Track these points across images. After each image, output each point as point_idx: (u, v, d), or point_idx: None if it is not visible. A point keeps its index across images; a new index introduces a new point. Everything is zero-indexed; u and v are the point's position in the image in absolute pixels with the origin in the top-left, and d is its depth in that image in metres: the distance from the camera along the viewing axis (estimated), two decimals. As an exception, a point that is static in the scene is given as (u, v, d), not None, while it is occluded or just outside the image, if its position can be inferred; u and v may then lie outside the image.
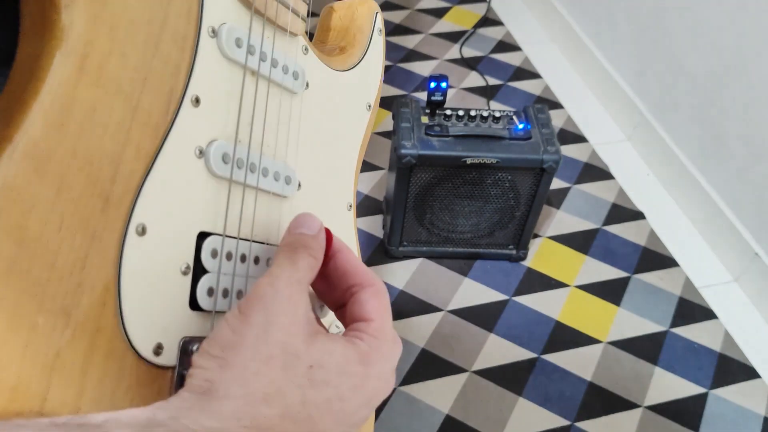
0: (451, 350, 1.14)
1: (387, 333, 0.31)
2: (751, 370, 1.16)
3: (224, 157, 0.31)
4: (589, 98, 1.69)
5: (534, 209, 1.18)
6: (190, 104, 0.30)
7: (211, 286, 0.31)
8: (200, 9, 0.30)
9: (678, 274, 1.30)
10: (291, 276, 0.28)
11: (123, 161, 0.26)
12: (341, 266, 0.33)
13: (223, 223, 0.32)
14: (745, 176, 1.27)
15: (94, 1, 0.25)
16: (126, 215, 0.27)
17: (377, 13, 0.47)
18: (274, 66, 0.35)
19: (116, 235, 0.26)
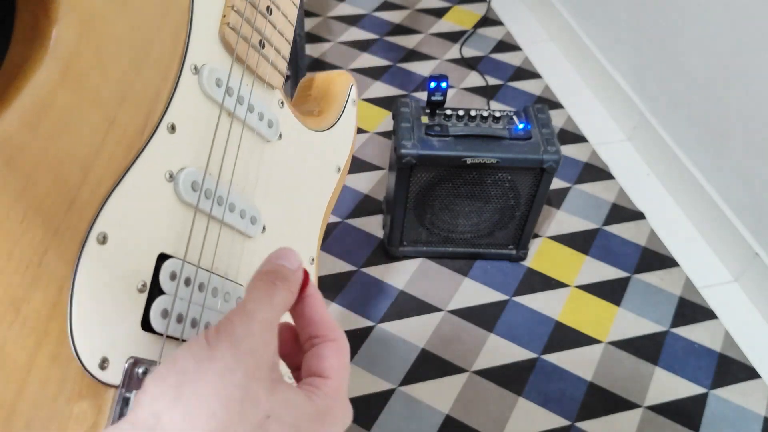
0: (451, 350, 1.14)
1: (342, 395, 0.30)
2: (752, 370, 1.16)
3: (193, 185, 0.33)
4: (589, 98, 1.69)
5: (534, 209, 1.18)
6: (166, 130, 0.31)
7: (165, 308, 0.31)
8: (185, 47, 0.32)
9: (678, 274, 1.30)
10: (266, 316, 0.27)
11: (93, 169, 0.27)
12: (308, 313, 0.32)
13: (185, 248, 0.33)
14: (745, 176, 1.27)
15: (85, 22, 0.27)
16: (89, 221, 0.27)
17: (352, 86, 0.50)
18: (251, 111, 0.37)
19: (77, 239, 0.27)
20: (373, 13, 1.86)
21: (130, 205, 0.29)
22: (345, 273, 1.23)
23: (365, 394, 1.07)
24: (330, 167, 0.47)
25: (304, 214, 0.45)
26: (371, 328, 1.16)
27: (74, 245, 0.26)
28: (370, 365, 1.10)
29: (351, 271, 1.24)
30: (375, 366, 1.10)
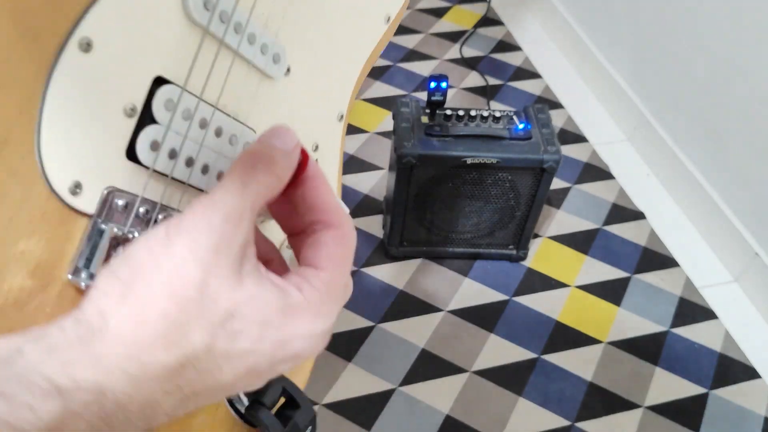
0: (451, 350, 1.14)
1: (334, 289, 0.27)
2: (752, 370, 1.16)
3: (206, 2, 0.28)
4: (590, 98, 1.69)
5: (534, 209, 1.18)
6: None
7: (156, 139, 0.27)
8: None
9: (678, 274, 1.30)
10: (234, 206, 0.24)
11: None
12: (310, 198, 0.28)
13: (187, 74, 0.28)
14: (745, 176, 1.27)
15: None
16: (72, 22, 0.23)
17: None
18: None
19: (55, 41, 0.23)
20: (373, 13, 1.86)
21: (126, 11, 0.25)
22: (345, 273, 1.23)
23: (365, 394, 1.07)
24: (379, 15, 0.41)
25: (339, 63, 0.39)
26: (371, 328, 1.16)
27: (52, 48, 0.23)
28: (370, 365, 1.10)
29: (351, 271, 1.24)
30: (375, 366, 1.10)
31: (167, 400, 0.23)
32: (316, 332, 0.26)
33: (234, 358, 0.24)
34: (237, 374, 0.25)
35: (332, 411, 1.04)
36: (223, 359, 0.24)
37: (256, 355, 0.25)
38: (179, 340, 0.23)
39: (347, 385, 1.07)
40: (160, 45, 0.27)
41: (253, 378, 0.26)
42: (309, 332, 0.26)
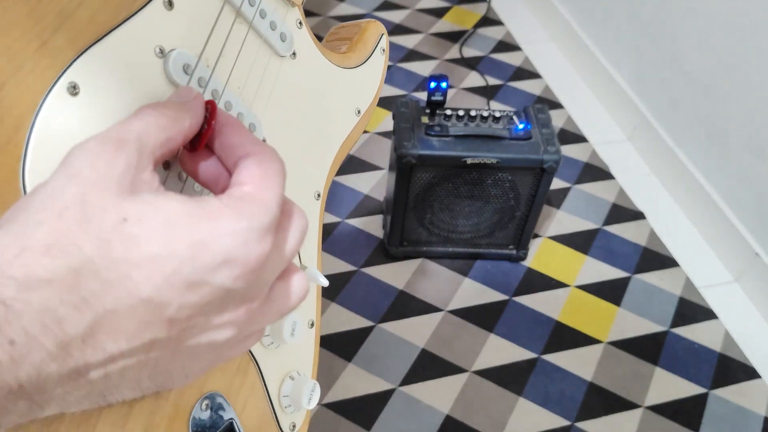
0: (451, 350, 1.14)
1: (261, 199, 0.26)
2: (752, 370, 1.16)
3: (185, 67, 0.31)
4: (590, 98, 1.69)
5: (534, 209, 1.18)
6: (162, 4, 0.30)
7: None
8: None
9: (678, 274, 1.30)
10: (111, 133, 0.25)
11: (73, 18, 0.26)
12: (227, 140, 0.28)
13: None
14: (745, 176, 1.27)
15: None
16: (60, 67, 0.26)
17: (383, 35, 0.48)
18: (261, 16, 0.35)
19: (42, 84, 0.25)
20: (373, 12, 1.86)
21: (110, 65, 0.28)
22: (345, 273, 1.23)
23: (365, 394, 1.07)
24: (349, 107, 0.46)
25: (312, 145, 0.43)
26: (371, 328, 1.16)
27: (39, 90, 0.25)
28: (370, 365, 1.10)
29: (351, 271, 1.24)
30: (375, 366, 1.10)
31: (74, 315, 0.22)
32: (241, 228, 0.24)
33: (143, 265, 0.23)
34: (156, 284, 0.23)
35: (332, 411, 1.04)
36: (128, 265, 0.23)
37: (172, 259, 0.23)
38: (64, 248, 0.22)
39: (347, 385, 1.07)
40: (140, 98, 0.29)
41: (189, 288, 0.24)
42: (231, 229, 0.24)
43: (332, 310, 1.18)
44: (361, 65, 0.46)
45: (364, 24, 0.49)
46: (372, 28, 0.49)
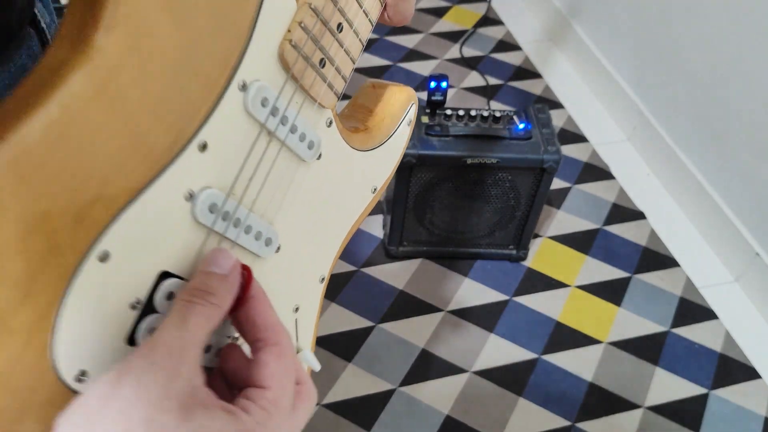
0: (451, 350, 1.14)
1: (281, 404, 0.29)
2: (752, 370, 1.16)
3: (211, 207, 0.30)
4: (590, 98, 1.69)
5: (534, 209, 1.18)
6: (196, 148, 0.29)
7: (154, 326, 0.29)
8: (238, 62, 0.29)
9: (678, 274, 1.30)
10: (174, 341, 0.26)
11: (109, 186, 0.25)
12: (251, 317, 0.30)
13: (190, 268, 0.31)
14: (745, 176, 1.27)
15: (136, 34, 0.24)
16: (93, 238, 0.26)
17: (413, 105, 0.46)
18: (293, 132, 0.34)
19: (76, 256, 0.25)
20: (373, 12, 1.86)
21: (141, 223, 0.27)
22: (345, 273, 1.23)
23: (365, 394, 1.07)
24: (365, 187, 0.44)
25: (325, 233, 0.42)
26: (371, 328, 1.16)
27: (73, 262, 0.25)
28: (370, 365, 1.10)
29: (351, 271, 1.24)
30: (375, 366, 1.10)
31: None
32: None
33: None
34: None
35: (332, 411, 1.04)
36: None
37: None
38: None
39: (347, 386, 1.07)
40: (168, 245, 0.29)
41: None
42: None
43: (332, 310, 1.18)
44: (385, 142, 0.44)
45: (395, 90, 0.45)
46: (402, 97, 0.45)
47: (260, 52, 0.30)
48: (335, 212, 0.41)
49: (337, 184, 0.40)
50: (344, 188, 0.41)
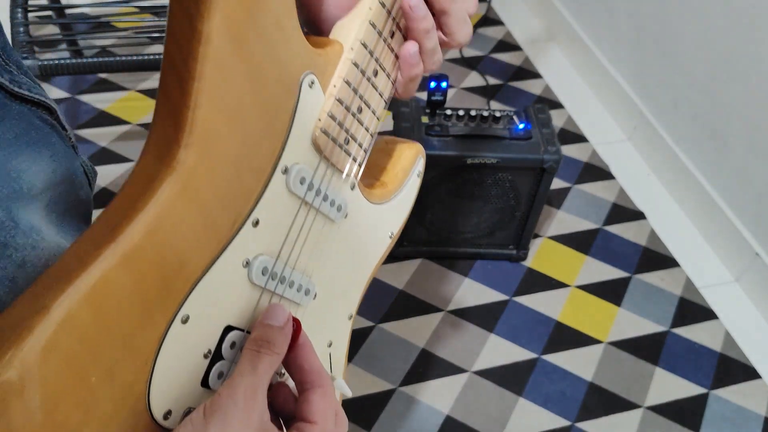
0: (451, 350, 1.14)
1: None
2: (752, 370, 1.16)
3: (264, 270, 0.37)
4: (590, 98, 1.69)
5: (534, 209, 1.18)
6: (251, 225, 0.35)
7: (222, 370, 0.36)
8: (281, 151, 0.35)
9: (679, 274, 1.30)
10: (249, 385, 0.32)
11: (189, 263, 0.32)
12: (299, 362, 0.36)
13: (248, 321, 0.37)
14: (745, 176, 1.27)
15: (205, 145, 0.31)
16: (177, 306, 0.32)
17: (420, 158, 0.53)
18: (325, 200, 0.40)
19: (165, 321, 0.32)
20: (374, 13, 1.86)
21: (211, 290, 0.33)
22: (345, 273, 1.23)
23: (365, 394, 1.07)
24: (384, 234, 0.50)
25: (352, 276, 0.48)
26: (371, 328, 1.16)
27: (162, 325, 0.31)
28: (370, 365, 1.10)
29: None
30: (375, 366, 1.10)
31: None
32: None
33: None
34: None
35: (332, 411, 1.04)
36: None
37: None
38: None
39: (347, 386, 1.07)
40: (231, 304, 0.36)
41: None
42: None
43: (332, 310, 1.18)
44: (399, 194, 0.51)
45: (404, 147, 0.52)
46: (411, 152, 0.52)
47: (298, 141, 0.36)
48: (360, 258, 0.48)
49: (361, 235, 0.47)
50: (367, 237, 0.48)
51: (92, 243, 0.29)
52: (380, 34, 0.40)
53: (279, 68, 0.34)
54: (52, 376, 0.27)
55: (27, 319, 0.26)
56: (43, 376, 0.27)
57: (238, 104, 0.32)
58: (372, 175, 0.50)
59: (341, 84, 0.38)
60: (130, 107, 1.55)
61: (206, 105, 0.30)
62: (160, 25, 1.65)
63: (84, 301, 0.28)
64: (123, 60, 1.34)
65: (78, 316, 0.27)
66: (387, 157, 0.52)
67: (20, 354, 0.26)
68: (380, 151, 0.52)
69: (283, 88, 0.34)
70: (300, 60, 0.35)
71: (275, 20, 0.32)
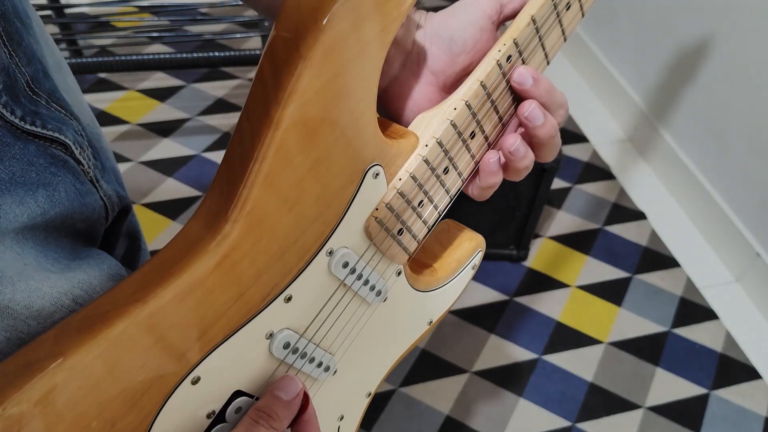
0: (451, 350, 1.14)
1: None
2: (753, 370, 1.16)
3: (285, 345, 0.36)
4: (590, 98, 1.69)
5: (534, 209, 1.18)
6: (282, 300, 0.34)
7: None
8: (330, 234, 0.35)
9: (679, 275, 1.30)
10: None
11: (212, 329, 0.32)
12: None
13: (260, 389, 0.36)
14: (746, 176, 1.27)
15: (254, 222, 0.31)
16: (191, 367, 0.32)
17: (480, 251, 0.50)
18: (365, 284, 0.39)
19: (176, 380, 0.31)
20: (374, 12, 1.86)
21: (228, 356, 0.33)
22: (345, 273, 1.23)
23: (365, 394, 1.07)
24: (423, 320, 0.48)
25: (379, 357, 0.47)
26: (371, 328, 1.15)
27: (172, 384, 0.31)
28: (370, 365, 1.10)
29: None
30: (375, 366, 1.10)
31: None
32: None
33: None
34: None
35: (332, 411, 1.04)
36: None
37: None
38: None
39: None
40: (245, 372, 0.35)
41: None
42: None
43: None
44: (448, 283, 0.48)
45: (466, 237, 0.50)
46: (471, 245, 0.50)
47: (349, 226, 0.36)
48: (391, 341, 0.46)
49: (397, 320, 0.45)
50: (403, 323, 0.46)
51: (120, 298, 0.29)
52: (460, 135, 0.38)
53: (346, 159, 0.33)
54: (53, 418, 0.27)
55: (41, 361, 0.27)
56: (45, 417, 0.27)
57: (296, 189, 0.32)
58: (424, 259, 0.48)
59: (407, 178, 0.37)
60: (129, 107, 1.55)
61: (261, 185, 0.30)
62: (159, 25, 1.65)
63: (101, 356, 0.28)
64: (122, 60, 1.34)
65: (92, 367, 0.28)
66: (444, 243, 0.50)
67: (27, 394, 0.26)
68: (439, 234, 0.50)
69: (347, 177, 0.34)
70: (369, 151, 0.34)
71: (352, 114, 0.32)
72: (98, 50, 1.66)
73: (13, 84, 0.32)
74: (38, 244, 0.33)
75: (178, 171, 1.40)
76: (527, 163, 0.40)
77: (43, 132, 0.34)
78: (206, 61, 1.37)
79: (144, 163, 1.41)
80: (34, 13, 0.38)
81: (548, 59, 0.41)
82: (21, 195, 0.31)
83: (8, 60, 0.32)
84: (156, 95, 1.58)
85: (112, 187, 0.40)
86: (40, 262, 0.33)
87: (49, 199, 0.33)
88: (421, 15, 0.39)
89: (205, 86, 1.61)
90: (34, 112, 0.34)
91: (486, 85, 0.38)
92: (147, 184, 1.37)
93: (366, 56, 0.31)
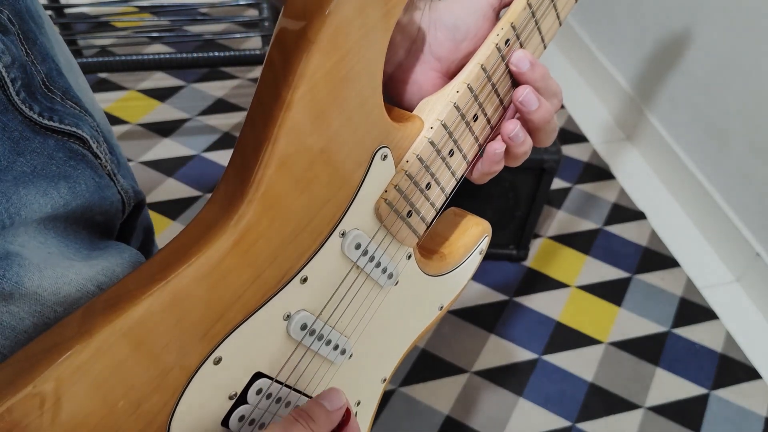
0: (451, 350, 1.14)
1: None
2: (753, 370, 1.16)
3: (303, 326, 0.37)
4: (590, 98, 1.69)
5: (534, 209, 1.18)
6: (299, 281, 0.35)
7: (243, 414, 0.37)
8: (342, 216, 0.36)
9: (679, 275, 1.30)
10: None
11: (231, 309, 0.33)
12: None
13: (278, 371, 0.38)
14: (746, 176, 1.27)
15: (269, 203, 0.32)
16: (213, 347, 0.33)
17: (486, 237, 0.51)
18: (377, 266, 0.40)
19: (198, 360, 0.33)
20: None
21: (248, 336, 0.34)
22: (345, 273, 1.23)
23: (365, 394, 1.07)
24: (434, 305, 0.49)
25: (392, 342, 0.48)
26: (371, 328, 1.16)
27: (195, 364, 0.32)
28: (370, 365, 1.10)
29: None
30: (375, 366, 1.10)
31: None
32: None
33: None
34: None
35: (332, 411, 1.04)
36: None
37: None
38: None
39: None
40: (265, 353, 0.36)
41: None
42: None
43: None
44: (457, 268, 0.49)
45: (472, 222, 0.51)
46: (477, 230, 0.51)
47: (360, 208, 0.37)
48: (404, 325, 0.48)
49: (408, 303, 0.46)
50: (415, 307, 0.47)
51: (144, 279, 0.30)
52: (463, 117, 0.40)
53: (354, 140, 0.34)
54: (81, 396, 0.28)
55: (68, 341, 0.28)
56: (73, 395, 0.28)
57: (308, 170, 0.33)
58: (433, 245, 0.50)
59: (414, 160, 0.38)
60: (129, 107, 1.55)
61: (275, 167, 0.31)
62: (159, 25, 1.65)
63: (126, 335, 0.29)
64: (122, 60, 1.34)
65: (117, 346, 0.29)
66: (452, 229, 0.51)
67: (56, 371, 0.27)
68: (446, 221, 0.52)
69: (356, 159, 0.35)
70: (377, 133, 0.36)
71: (359, 97, 0.33)
72: (98, 50, 1.66)
73: (30, 81, 0.33)
74: (59, 234, 0.34)
75: (178, 171, 1.41)
76: (526, 149, 0.41)
77: (61, 127, 0.35)
78: (206, 61, 1.37)
79: (144, 163, 1.41)
80: (45, 14, 0.39)
81: (545, 43, 0.42)
82: (44, 187, 0.32)
83: (25, 58, 0.33)
84: (156, 95, 1.58)
85: (128, 181, 0.40)
86: (63, 252, 0.33)
87: (71, 191, 0.34)
88: (425, 2, 0.40)
89: (205, 86, 1.61)
90: (51, 108, 0.34)
91: (486, 68, 0.39)
92: (147, 184, 1.37)
93: (371, 40, 0.32)
